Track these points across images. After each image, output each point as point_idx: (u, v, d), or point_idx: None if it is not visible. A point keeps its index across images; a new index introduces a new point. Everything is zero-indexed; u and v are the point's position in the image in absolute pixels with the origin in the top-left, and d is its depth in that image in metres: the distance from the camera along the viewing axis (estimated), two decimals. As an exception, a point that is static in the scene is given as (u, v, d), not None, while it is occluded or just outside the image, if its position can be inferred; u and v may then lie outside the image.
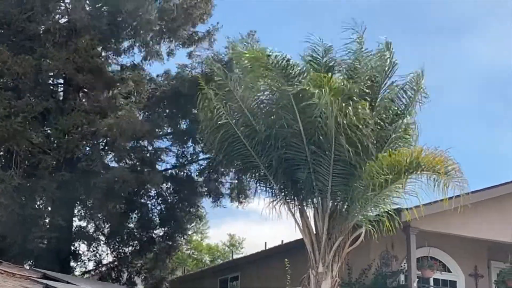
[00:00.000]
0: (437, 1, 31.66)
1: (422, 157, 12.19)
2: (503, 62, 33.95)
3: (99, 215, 23.28)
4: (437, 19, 34.36)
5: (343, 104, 12.45)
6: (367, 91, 13.35)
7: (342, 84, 12.82)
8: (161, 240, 23.81)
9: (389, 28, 30.84)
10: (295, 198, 13.79)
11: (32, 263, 21.08)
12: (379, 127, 13.42)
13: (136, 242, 23.73)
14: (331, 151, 12.83)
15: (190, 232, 26.44)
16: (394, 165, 12.28)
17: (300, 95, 12.66)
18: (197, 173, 23.72)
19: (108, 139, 19.86)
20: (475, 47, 33.20)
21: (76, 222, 23.03)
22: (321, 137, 12.89)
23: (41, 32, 19.96)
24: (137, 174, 19.95)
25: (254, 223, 51.94)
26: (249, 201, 24.05)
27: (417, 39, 33.05)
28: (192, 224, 24.92)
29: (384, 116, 13.67)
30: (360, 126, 12.54)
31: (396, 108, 13.96)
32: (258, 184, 14.21)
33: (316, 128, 12.82)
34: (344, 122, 12.40)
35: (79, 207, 23.04)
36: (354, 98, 12.77)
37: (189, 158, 23.68)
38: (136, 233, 23.88)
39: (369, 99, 13.28)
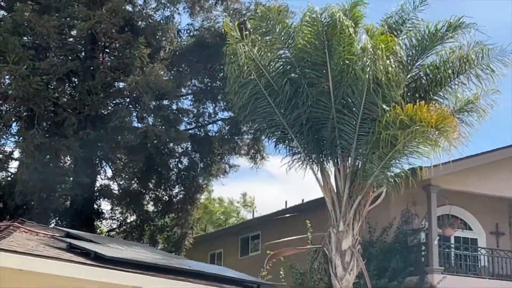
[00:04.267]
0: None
1: (421, 112, 11.91)
2: (502, 19, 33.39)
3: (122, 174, 23.37)
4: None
5: (386, 60, 12.20)
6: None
7: (391, 39, 12.57)
8: (180, 199, 23.89)
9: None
10: (317, 157, 13.65)
11: (56, 221, 21.26)
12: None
13: (156, 201, 23.83)
14: (359, 110, 12.65)
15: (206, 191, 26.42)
16: (395, 119, 12.08)
17: (339, 47, 12.46)
18: (216, 133, 23.72)
19: (134, 96, 19.79)
20: (473, 4, 32.65)
21: (99, 181, 23.16)
22: (349, 96, 12.71)
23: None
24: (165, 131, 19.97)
25: (263, 182, 52.18)
26: (264, 162, 24.11)
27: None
28: (210, 182, 24.94)
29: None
30: (394, 85, 12.33)
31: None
32: (278, 143, 14.06)
33: (346, 86, 12.63)
34: (382, 79, 12.18)
35: (103, 165, 23.15)
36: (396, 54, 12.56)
37: (208, 119, 23.65)
38: (157, 193, 23.97)
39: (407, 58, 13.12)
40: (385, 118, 12.23)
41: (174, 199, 23.83)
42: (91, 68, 20.22)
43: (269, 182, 52.39)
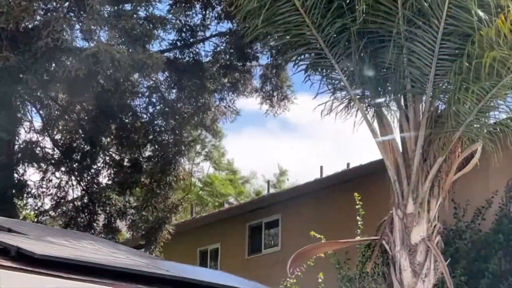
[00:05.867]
0: None
1: None
2: None
3: (58, 124, 23.37)
4: None
5: None
6: None
7: None
8: (152, 164, 23.94)
9: None
10: (372, 94, 13.63)
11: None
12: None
13: (115, 168, 23.90)
14: (440, 19, 12.59)
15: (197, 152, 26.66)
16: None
17: None
18: (209, 57, 23.78)
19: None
20: None
21: (22, 136, 23.21)
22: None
23: None
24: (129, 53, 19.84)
25: (275, 136, 52.01)
26: (287, 104, 24.20)
27: None
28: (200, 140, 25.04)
29: None
30: None
31: None
32: (309, 72, 14.05)
33: None
34: None
35: (28, 110, 23.19)
36: None
37: (196, 33, 23.61)
38: (115, 154, 24.03)
39: None
40: (487, 32, 12.13)
41: (143, 165, 23.89)
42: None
43: (286, 136, 52.34)
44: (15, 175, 22.85)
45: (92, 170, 23.89)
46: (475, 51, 12.34)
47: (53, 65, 20.22)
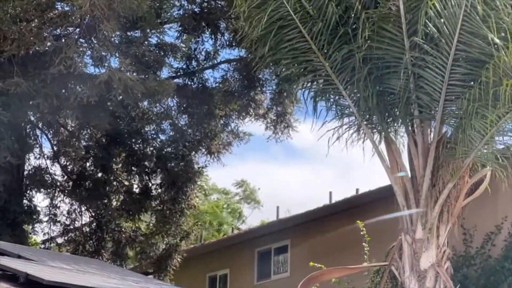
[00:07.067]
0: None
1: None
2: None
3: (68, 150, 23.39)
4: None
5: None
6: None
7: None
8: (162, 190, 23.93)
9: None
10: (380, 120, 13.59)
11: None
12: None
13: (124, 194, 23.88)
14: (450, 44, 12.55)
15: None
16: None
17: None
18: (218, 83, 23.84)
19: (87, 24, 19.65)
20: None
21: (31, 162, 23.24)
22: (433, 22, 12.58)
23: None
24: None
25: (280, 162, 51.94)
26: (290, 132, 24.31)
27: None
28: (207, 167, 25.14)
29: None
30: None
31: None
32: (318, 99, 14.01)
33: (427, 5, 12.49)
34: None
35: (38, 136, 23.20)
36: None
37: (204, 60, 23.71)
38: (125, 181, 24.01)
39: None
40: (503, 58, 12.05)
41: (152, 191, 23.87)
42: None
43: (291, 162, 52.27)
44: (25, 200, 22.82)
45: (102, 197, 23.89)
46: (490, 78, 12.29)
47: (63, 90, 20.24)
